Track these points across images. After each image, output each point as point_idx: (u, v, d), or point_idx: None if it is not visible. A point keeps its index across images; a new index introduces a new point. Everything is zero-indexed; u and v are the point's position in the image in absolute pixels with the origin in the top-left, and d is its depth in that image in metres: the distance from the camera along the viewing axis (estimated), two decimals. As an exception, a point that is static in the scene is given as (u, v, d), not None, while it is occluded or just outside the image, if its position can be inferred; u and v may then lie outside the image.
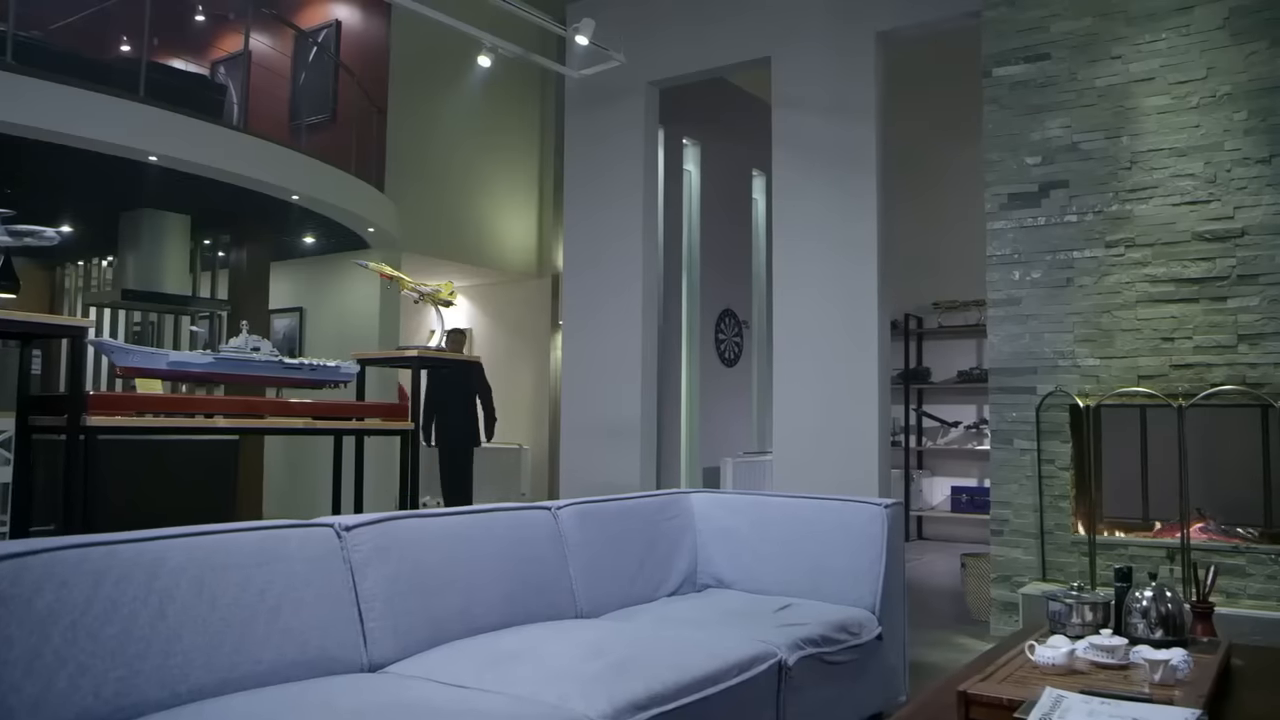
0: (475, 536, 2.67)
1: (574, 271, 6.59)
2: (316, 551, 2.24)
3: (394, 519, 2.47)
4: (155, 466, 7.39)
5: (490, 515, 2.77)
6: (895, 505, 3.31)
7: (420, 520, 2.54)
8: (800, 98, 5.65)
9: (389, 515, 2.47)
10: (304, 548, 2.21)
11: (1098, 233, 4.41)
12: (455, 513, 2.67)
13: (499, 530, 2.76)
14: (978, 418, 8.39)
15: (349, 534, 2.34)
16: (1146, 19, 4.36)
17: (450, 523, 2.63)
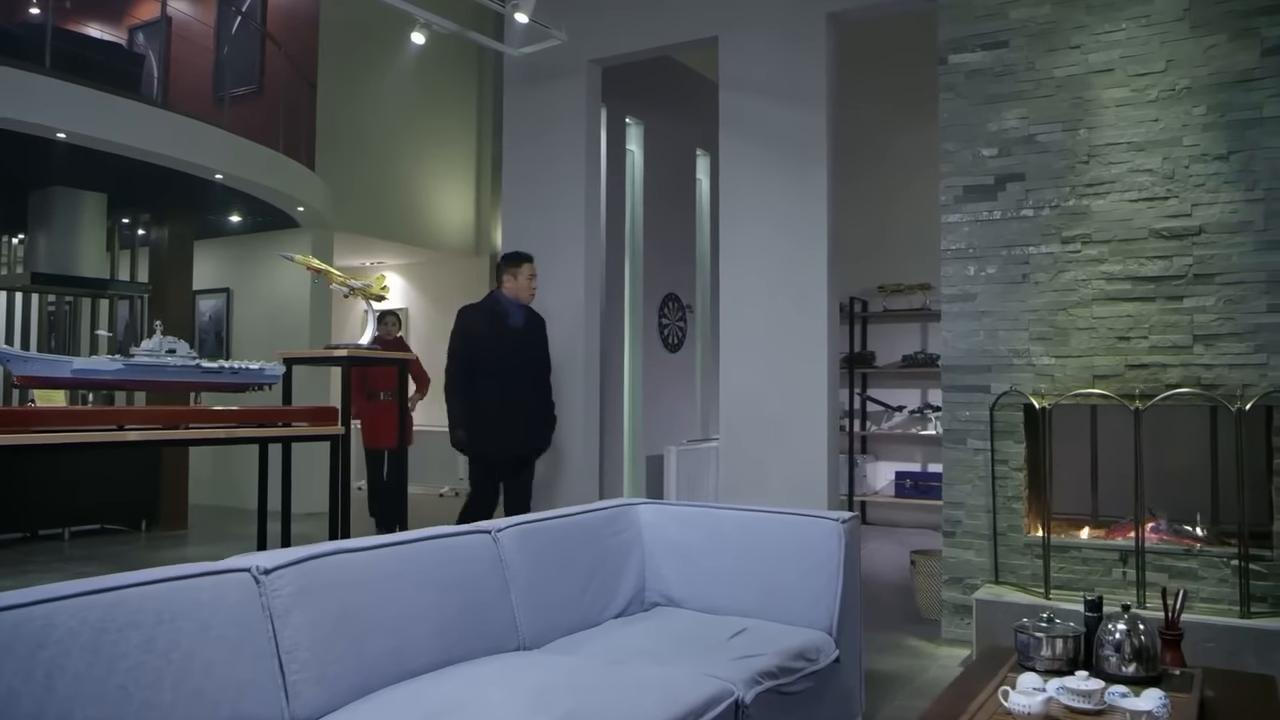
0: (408, 569, 2.47)
1: (513, 255, 6.34)
2: (232, 600, 2.02)
3: (318, 556, 2.25)
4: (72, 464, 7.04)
5: (425, 544, 2.57)
6: (852, 519, 3.18)
7: (348, 556, 2.33)
8: (748, 80, 5.46)
9: (312, 552, 2.26)
10: (217, 597, 1.99)
11: (1054, 228, 4.31)
12: (386, 544, 2.46)
13: (434, 560, 2.56)
14: (922, 402, 8.34)
15: (268, 578, 2.12)
16: (1106, 8, 4.24)
17: (381, 556, 2.42)
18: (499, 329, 5.19)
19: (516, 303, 5.27)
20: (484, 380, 5.09)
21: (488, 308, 5.27)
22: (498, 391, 5.12)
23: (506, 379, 5.16)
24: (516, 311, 5.27)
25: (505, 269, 5.31)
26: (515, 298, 5.27)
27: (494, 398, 5.11)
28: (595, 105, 6.20)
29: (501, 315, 5.21)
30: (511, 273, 5.29)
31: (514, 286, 5.28)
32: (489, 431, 5.10)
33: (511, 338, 5.22)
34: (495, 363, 5.13)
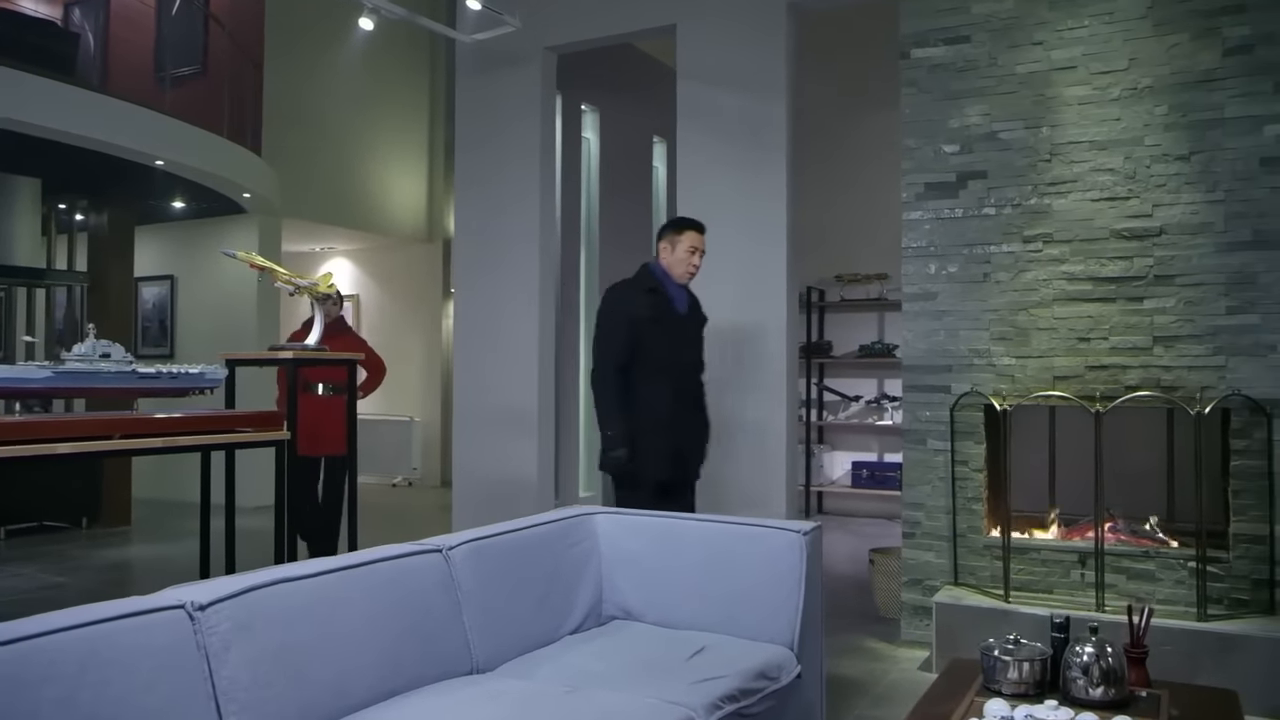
0: (355, 595, 2.35)
1: (465, 245, 6.21)
2: (163, 642, 1.90)
3: (257, 588, 2.13)
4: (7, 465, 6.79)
5: (373, 567, 2.46)
6: (814, 530, 3.11)
7: (289, 585, 2.21)
8: (707, 70, 5.35)
9: (251, 583, 2.13)
10: (147, 640, 1.87)
11: (1016, 227, 4.26)
12: (331, 569, 2.35)
13: (383, 583, 2.45)
14: (878, 392, 8.34)
15: (203, 614, 2.00)
16: (1069, 4, 4.19)
17: (325, 583, 2.30)
18: (665, 314, 4.08)
19: (677, 283, 4.17)
20: (649, 381, 3.99)
21: (648, 286, 4.10)
22: (669, 395, 4.03)
23: (678, 378, 4.11)
24: (679, 292, 4.18)
25: (663, 237, 4.20)
26: (673, 273, 4.15)
27: (663, 403, 4.00)
28: (550, 93, 6.06)
29: (666, 297, 4.11)
30: (669, 241, 4.16)
31: (670, 258, 4.14)
32: (660, 447, 3.99)
33: (678, 325, 4.16)
34: (664, 358, 4.03)
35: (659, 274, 4.13)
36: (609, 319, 4.05)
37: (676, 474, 4.09)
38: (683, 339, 4.16)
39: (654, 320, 4.00)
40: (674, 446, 4.04)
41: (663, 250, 4.15)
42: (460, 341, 6.28)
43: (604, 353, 4.02)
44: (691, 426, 4.17)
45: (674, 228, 4.20)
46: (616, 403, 3.96)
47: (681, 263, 4.13)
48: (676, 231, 4.16)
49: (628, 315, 3.98)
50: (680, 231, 4.15)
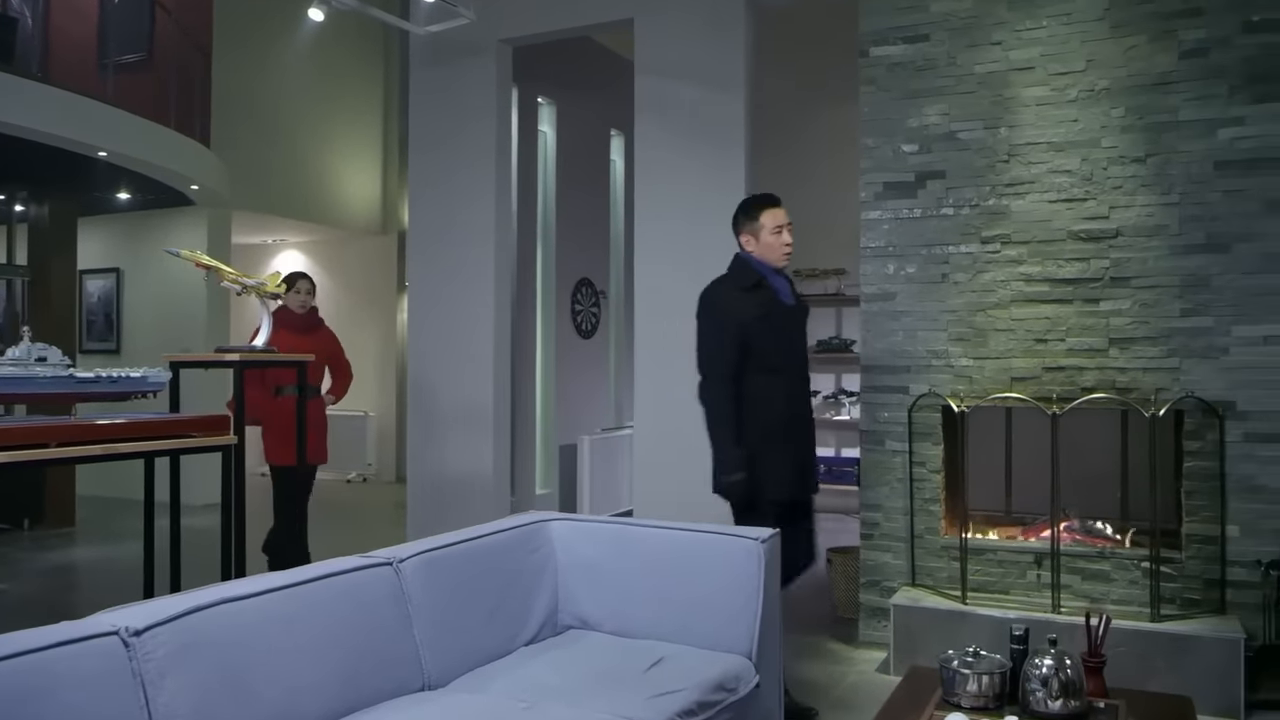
0: (303, 613, 2.27)
1: (419, 239, 6.11)
2: (93, 671, 1.81)
3: (198, 609, 2.05)
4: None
5: (322, 584, 2.38)
6: (772, 537, 3.07)
7: (232, 606, 2.13)
8: (665, 64, 5.29)
9: (191, 605, 2.05)
10: (78, 670, 1.78)
11: (974, 227, 4.25)
12: (277, 586, 2.27)
13: (331, 599, 2.38)
14: (836, 387, 8.33)
15: (139, 640, 1.91)
16: (1028, 4, 4.18)
17: (271, 601, 2.22)
18: (773, 309, 3.57)
19: (774, 270, 3.67)
20: (761, 388, 3.50)
21: (751, 281, 3.58)
22: (783, 401, 3.54)
23: (791, 381, 3.62)
24: (781, 282, 3.67)
25: (741, 228, 3.68)
26: (766, 261, 3.63)
27: (778, 411, 3.52)
28: (506, 86, 5.97)
29: (771, 290, 3.60)
30: (749, 231, 3.63)
31: (758, 246, 3.63)
32: (779, 462, 3.51)
33: (787, 320, 3.63)
34: (776, 359, 3.54)
35: (757, 264, 3.62)
36: (712, 323, 3.55)
37: (799, 491, 3.62)
38: (793, 335, 3.66)
39: (763, 318, 3.51)
40: (794, 460, 3.57)
41: (746, 242, 3.65)
42: (415, 337, 6.18)
43: (712, 363, 3.52)
44: (807, 435, 3.69)
45: (748, 214, 3.68)
46: (732, 419, 3.46)
47: (774, 247, 3.62)
48: (752, 217, 3.65)
49: (734, 317, 3.49)
50: (756, 215, 3.65)
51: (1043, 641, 2.39)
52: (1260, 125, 3.84)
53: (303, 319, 5.35)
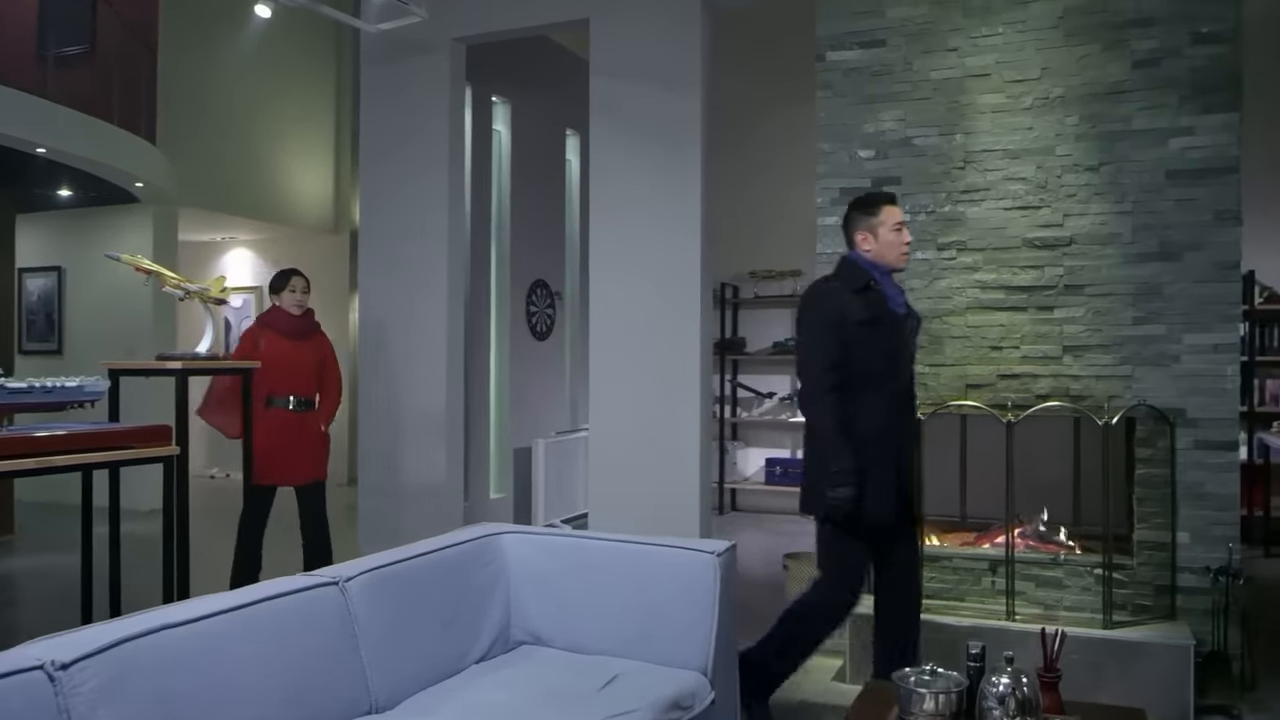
0: (242, 639, 2.19)
1: (370, 239, 6.00)
2: (16, 711, 1.72)
3: (131, 638, 1.96)
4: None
5: (263, 606, 2.30)
6: (728, 551, 3.03)
7: (168, 634, 2.04)
8: (621, 65, 5.23)
9: (124, 633, 1.97)
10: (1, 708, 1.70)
11: (930, 234, 4.25)
12: (216, 612, 2.18)
13: (274, 622, 2.30)
14: (792, 389, 8.34)
15: (66, 674, 1.82)
16: (983, 11, 4.18)
17: (210, 628, 2.14)
18: (882, 315, 3.32)
19: (888, 274, 3.41)
20: (864, 401, 3.27)
21: (861, 283, 3.32)
22: (885, 416, 3.31)
23: (896, 395, 3.37)
24: (894, 289, 3.42)
25: (857, 226, 3.40)
26: (883, 262, 3.37)
27: (881, 427, 3.29)
28: (459, 85, 5.88)
29: (881, 295, 3.35)
30: (867, 229, 3.38)
31: (876, 248, 3.37)
32: (882, 480, 3.29)
33: (897, 329, 3.37)
34: (881, 371, 3.30)
35: (867, 266, 3.36)
36: (817, 327, 3.30)
37: (902, 512, 3.39)
38: (901, 346, 3.39)
39: (871, 324, 3.27)
40: (897, 478, 3.34)
41: (863, 240, 3.38)
42: (365, 339, 6.06)
43: (815, 369, 3.27)
44: (902, 461, 3.41)
45: (866, 211, 3.40)
46: (840, 429, 3.21)
47: (893, 245, 3.35)
48: (870, 213, 3.39)
49: (839, 321, 3.25)
50: (875, 211, 3.38)
51: (999, 659, 2.37)
52: (1209, 135, 3.87)
53: (298, 322, 4.95)
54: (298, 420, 4.87)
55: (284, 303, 4.95)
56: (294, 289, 4.98)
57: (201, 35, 8.71)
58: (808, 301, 3.41)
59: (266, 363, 4.60)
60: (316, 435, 4.95)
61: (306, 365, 4.88)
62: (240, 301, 10.83)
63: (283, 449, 4.76)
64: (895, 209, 3.40)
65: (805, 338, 3.36)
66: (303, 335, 4.93)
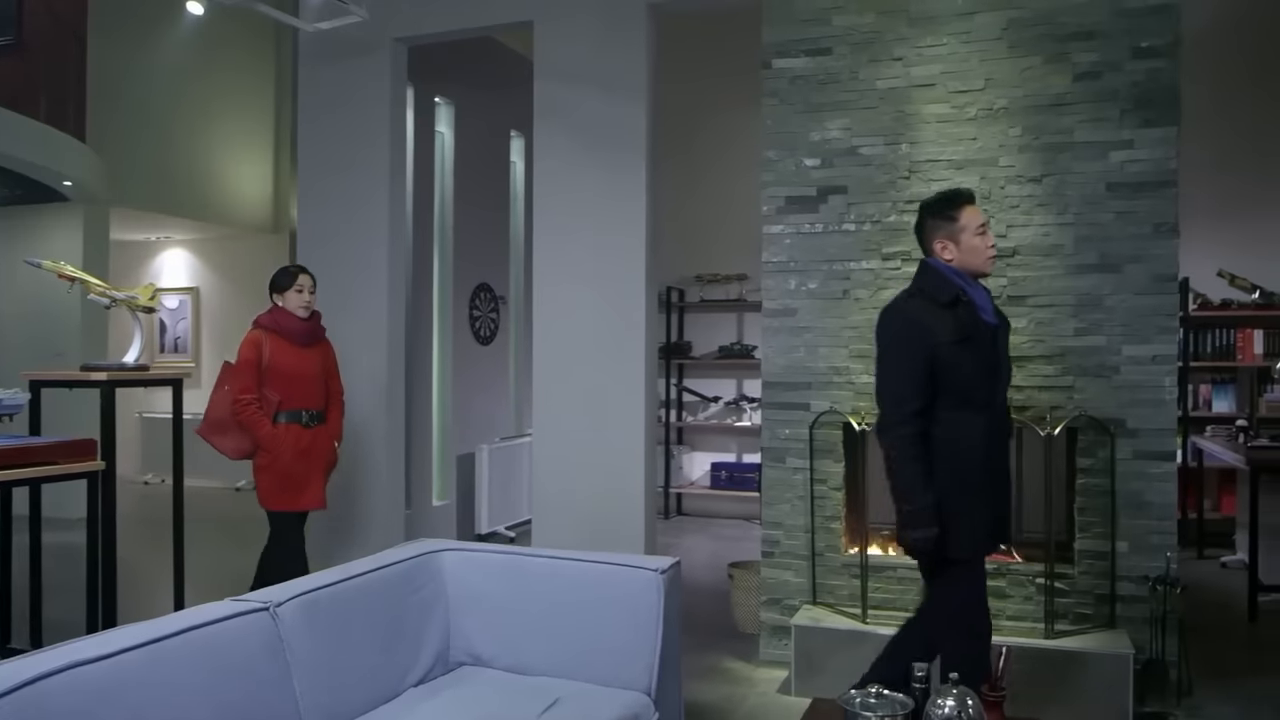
0: (165, 674, 2.09)
1: (309, 243, 5.87)
2: (-85, 758, 1.62)
3: (42, 678, 1.86)
4: None
5: (186, 638, 2.19)
6: (673, 568, 2.99)
7: (86, 670, 1.94)
8: (565, 69, 5.17)
9: (33, 673, 1.85)
10: (-105, 758, 1.59)
11: (875, 244, 4.24)
12: (138, 644, 2.08)
13: (198, 655, 2.19)
14: (738, 393, 8.34)
15: (-32, 719, 1.72)
16: (928, 20, 4.18)
17: (131, 661, 2.03)
18: (976, 332, 2.96)
19: (975, 280, 3.06)
20: (957, 425, 2.93)
21: (950, 295, 2.97)
22: (983, 442, 2.96)
23: (994, 417, 3.02)
24: (983, 296, 3.06)
25: (936, 231, 3.04)
26: (967, 269, 3.02)
27: (977, 455, 2.95)
28: (400, 85, 5.77)
29: (973, 306, 3.00)
30: (946, 234, 3.02)
31: (959, 252, 3.01)
32: (975, 514, 2.94)
33: (990, 343, 3.02)
34: (977, 391, 2.96)
35: (953, 275, 3.01)
36: (901, 348, 2.96)
37: (995, 546, 3.10)
38: (998, 360, 3.04)
39: (964, 341, 2.92)
40: (993, 511, 3.01)
41: (943, 249, 3.02)
42: (304, 346, 5.92)
43: (897, 396, 2.94)
44: (1005, 486, 3.10)
45: (944, 214, 3.04)
46: (922, 464, 2.89)
47: (978, 250, 3.01)
48: (950, 217, 3.02)
49: (926, 342, 2.90)
50: (954, 215, 3.02)
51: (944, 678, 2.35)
52: (1148, 149, 3.91)
53: (306, 327, 4.44)
54: (310, 436, 4.40)
55: (289, 304, 4.43)
56: (301, 288, 4.43)
57: (135, 30, 8.47)
58: (889, 319, 3.06)
59: (273, 373, 4.29)
60: (330, 454, 4.53)
61: (316, 374, 4.45)
62: (176, 303, 10.58)
63: (304, 469, 4.34)
64: (975, 209, 3.04)
65: (886, 359, 3.03)
66: (312, 341, 4.48)
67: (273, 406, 4.29)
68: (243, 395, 4.25)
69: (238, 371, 4.30)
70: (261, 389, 4.28)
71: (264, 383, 4.29)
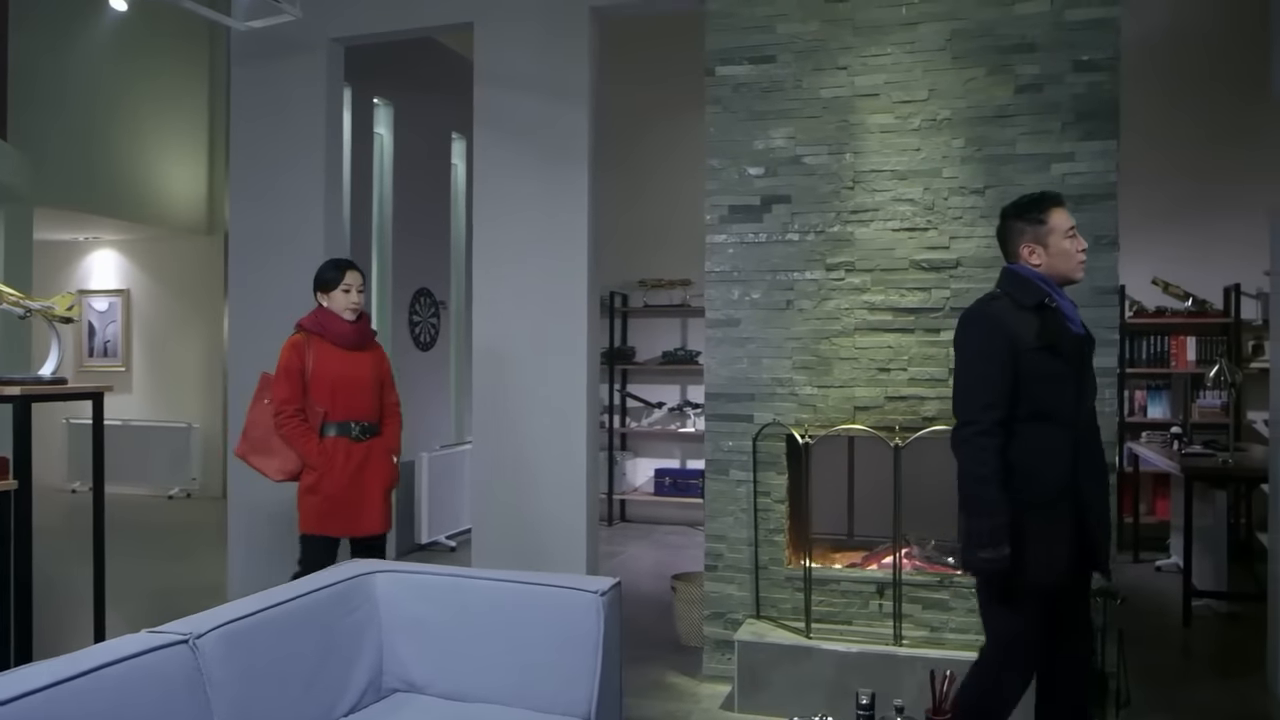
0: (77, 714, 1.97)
1: (242, 247, 5.71)
2: None
3: (-66, 728, 1.74)
4: None
5: (98, 676, 2.07)
6: (613, 589, 2.91)
7: (-18, 716, 1.82)
8: (506, 72, 5.07)
9: (-74, 723, 1.74)
10: None
11: (819, 254, 4.20)
12: (42, 687, 1.95)
13: (110, 693, 2.07)
14: (681, 399, 8.29)
15: None
16: (873, 30, 4.15)
17: (31, 707, 1.91)
18: (1061, 340, 2.75)
19: (1058, 286, 2.84)
20: (1039, 439, 2.72)
21: (1036, 299, 2.77)
22: (1068, 458, 2.74)
23: (1080, 432, 2.78)
24: (1070, 307, 2.85)
25: (1021, 236, 2.84)
26: (1055, 275, 2.82)
27: (1060, 472, 2.72)
28: (337, 86, 5.62)
29: (1060, 313, 2.79)
30: (1033, 237, 2.81)
31: (1047, 258, 2.82)
32: (1055, 538, 2.70)
33: (1077, 353, 2.79)
34: (1063, 404, 2.74)
35: (1040, 280, 2.80)
36: (980, 355, 2.75)
37: (1077, 575, 2.82)
38: (1085, 373, 2.82)
39: (1048, 349, 2.71)
40: (1073, 536, 2.73)
41: (1029, 254, 2.83)
42: (236, 350, 5.76)
43: (978, 403, 2.71)
44: (1098, 501, 2.82)
45: (1031, 217, 2.84)
46: (999, 478, 2.66)
47: (1069, 255, 2.80)
48: (1038, 220, 2.82)
49: (1009, 348, 2.70)
50: (1043, 218, 2.82)
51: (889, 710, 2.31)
52: (1088, 162, 3.92)
53: (354, 329, 4.00)
54: (363, 452, 3.95)
55: (335, 304, 3.97)
56: (349, 287, 3.97)
57: (58, 23, 8.18)
58: (970, 325, 2.83)
59: (318, 381, 3.88)
60: (386, 471, 4.05)
61: (367, 382, 3.98)
62: (106, 305, 10.27)
63: (350, 489, 3.91)
64: (1064, 212, 2.84)
65: (964, 365, 2.82)
66: (360, 345, 4.02)
67: (319, 418, 3.88)
68: (284, 406, 3.86)
69: (278, 380, 3.91)
70: (306, 399, 3.89)
71: (307, 392, 3.89)
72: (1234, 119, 7.00)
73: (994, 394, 2.69)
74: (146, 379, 10.14)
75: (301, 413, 3.88)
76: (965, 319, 2.85)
